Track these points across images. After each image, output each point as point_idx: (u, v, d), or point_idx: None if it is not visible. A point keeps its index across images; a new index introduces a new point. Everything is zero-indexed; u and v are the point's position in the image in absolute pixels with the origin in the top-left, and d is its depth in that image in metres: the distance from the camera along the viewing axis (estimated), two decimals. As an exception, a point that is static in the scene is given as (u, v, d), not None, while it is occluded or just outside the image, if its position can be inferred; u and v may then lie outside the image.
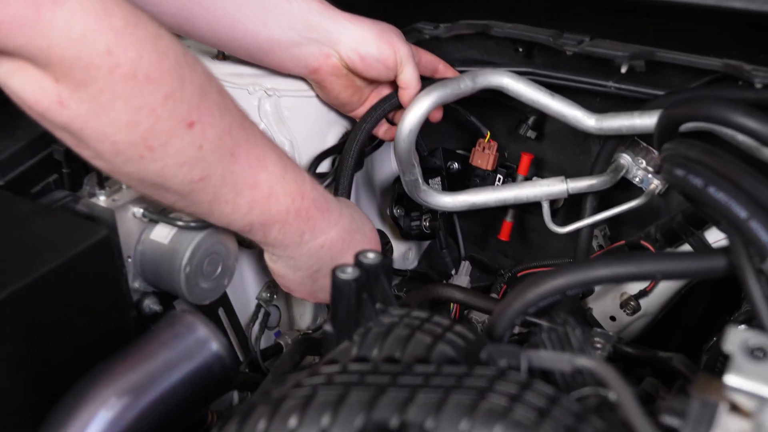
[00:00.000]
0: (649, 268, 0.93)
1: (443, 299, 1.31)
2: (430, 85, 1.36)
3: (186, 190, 1.00)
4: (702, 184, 0.95)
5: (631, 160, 1.47)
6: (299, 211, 1.11)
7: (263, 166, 1.06)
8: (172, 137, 0.92)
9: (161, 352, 0.89)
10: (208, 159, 0.97)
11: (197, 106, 0.93)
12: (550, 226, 1.47)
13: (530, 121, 1.56)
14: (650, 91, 1.36)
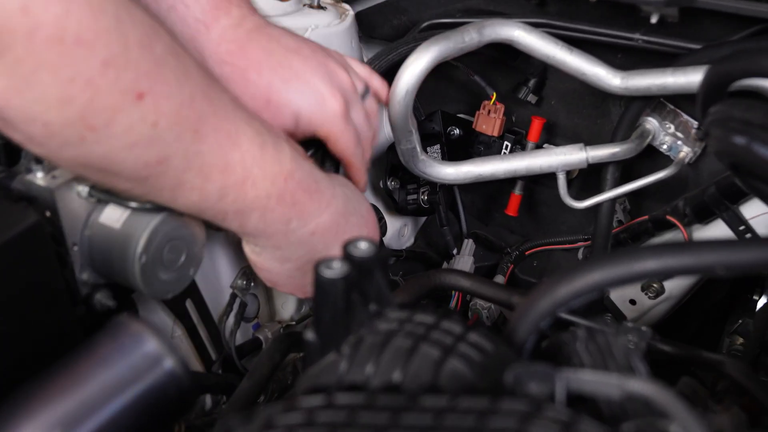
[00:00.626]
0: (709, 259, 0.75)
1: (447, 287, 1.13)
2: (430, 38, 1.16)
3: (141, 175, 0.82)
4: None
5: (658, 125, 1.29)
6: (282, 196, 0.92)
7: (236, 143, 0.86)
8: (118, 113, 0.73)
9: (100, 373, 0.71)
10: (165, 138, 0.79)
11: (147, 72, 0.75)
12: (567, 201, 1.29)
13: (531, 83, 1.38)
14: (685, 44, 1.18)
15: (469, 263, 1.41)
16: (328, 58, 1.07)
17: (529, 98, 1.41)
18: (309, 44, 1.07)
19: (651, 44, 1.20)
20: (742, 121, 0.85)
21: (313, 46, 1.07)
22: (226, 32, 1.02)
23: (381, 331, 0.74)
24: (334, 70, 1.06)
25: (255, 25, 1.03)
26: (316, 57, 1.05)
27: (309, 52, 1.05)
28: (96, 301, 1.01)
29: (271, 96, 1.02)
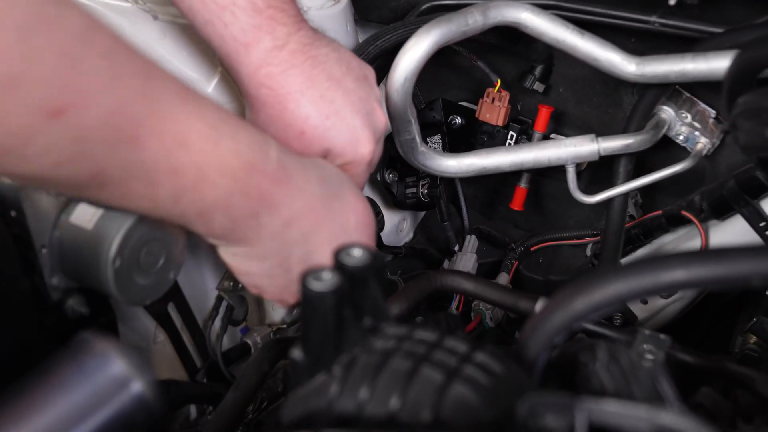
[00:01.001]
0: (745, 268, 0.67)
1: (449, 290, 1.04)
2: (431, 21, 1.07)
3: (79, 187, 0.73)
4: None
5: (674, 114, 1.20)
6: (246, 190, 0.82)
7: (183, 144, 0.75)
8: (32, 134, 0.63)
9: (59, 399, 0.63)
10: (95, 152, 0.68)
11: (64, 86, 0.64)
12: (576, 195, 1.21)
13: (537, 70, 1.29)
14: (706, 27, 1.09)
15: (472, 261, 1.33)
16: (370, 93, 1.02)
17: (535, 87, 1.32)
18: (353, 71, 1.01)
19: (669, 28, 1.12)
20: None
21: (357, 73, 1.02)
22: (268, 55, 0.94)
23: (377, 350, 0.66)
24: (374, 110, 1.02)
25: (300, 45, 0.96)
26: (358, 92, 1.00)
27: (353, 85, 1.00)
28: (68, 308, 0.93)
29: (307, 129, 0.97)
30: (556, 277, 1.42)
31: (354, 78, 1.00)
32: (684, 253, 0.69)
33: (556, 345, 0.72)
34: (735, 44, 1.05)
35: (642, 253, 1.38)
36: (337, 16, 1.23)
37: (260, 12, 0.92)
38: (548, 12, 1.13)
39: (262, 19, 0.93)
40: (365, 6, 1.35)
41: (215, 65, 1.11)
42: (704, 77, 1.08)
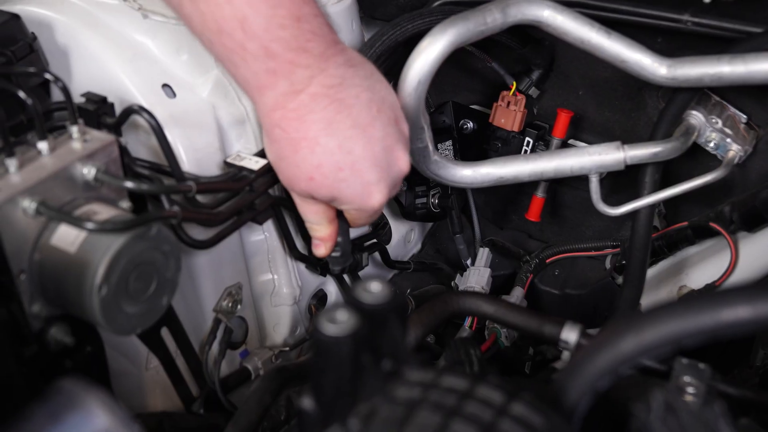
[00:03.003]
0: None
1: (466, 314, 0.96)
2: (447, 19, 0.99)
3: None
4: None
5: (704, 120, 1.12)
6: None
7: None
8: None
9: (34, 461, 0.54)
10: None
11: None
12: (600, 207, 1.13)
13: (535, 75, 1.21)
14: (743, 27, 1.01)
15: (486, 276, 1.25)
16: (398, 140, 0.92)
17: (530, 92, 1.26)
18: (384, 113, 0.90)
19: (702, 27, 1.04)
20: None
21: (388, 115, 0.91)
22: (283, 99, 0.85)
23: (400, 400, 0.58)
24: (396, 159, 0.92)
25: (324, 88, 0.85)
26: (383, 141, 0.90)
27: (379, 132, 0.89)
28: (50, 338, 0.85)
29: (317, 177, 0.89)
30: (573, 291, 1.34)
31: (383, 123, 0.89)
32: (747, 287, 0.61)
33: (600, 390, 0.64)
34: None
35: (665, 265, 1.30)
36: (341, 14, 1.14)
37: (275, 57, 0.82)
38: (572, 9, 1.04)
39: (278, 63, 0.83)
40: (371, 3, 1.26)
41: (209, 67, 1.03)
42: (742, 81, 1.00)
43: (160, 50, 1.02)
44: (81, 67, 1.00)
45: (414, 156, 1.07)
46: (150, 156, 0.97)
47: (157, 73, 1.00)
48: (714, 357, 1.17)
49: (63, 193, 0.82)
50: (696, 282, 1.25)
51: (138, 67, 0.99)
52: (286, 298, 1.13)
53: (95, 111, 0.92)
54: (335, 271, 1.08)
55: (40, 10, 1.01)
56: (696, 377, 0.77)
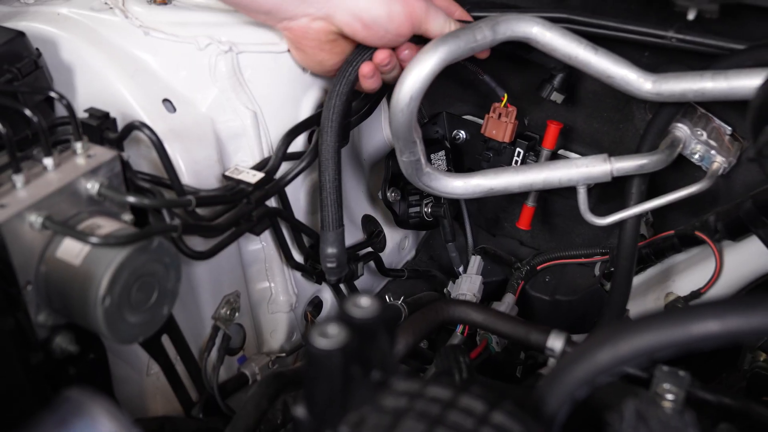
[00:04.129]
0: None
1: (457, 322, 0.99)
2: (438, 38, 1.02)
3: None
4: None
5: (689, 132, 1.15)
6: None
7: None
8: None
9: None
10: None
11: None
12: (587, 217, 1.16)
13: (556, 80, 1.23)
14: (726, 44, 1.04)
15: (477, 284, 1.28)
16: None
17: (553, 97, 1.25)
18: None
19: (686, 43, 1.06)
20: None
21: None
22: None
23: (387, 409, 0.61)
24: None
25: None
26: None
27: None
28: (56, 346, 0.88)
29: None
30: (563, 297, 1.37)
31: None
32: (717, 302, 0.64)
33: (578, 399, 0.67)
34: (758, 62, 1.00)
35: (652, 272, 1.33)
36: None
37: None
38: (560, 26, 1.07)
39: None
40: None
41: (208, 83, 1.06)
42: (724, 97, 1.02)
43: (160, 66, 1.05)
44: (85, 83, 1.04)
45: (407, 169, 1.10)
46: (151, 169, 1.00)
47: (158, 88, 1.04)
48: (703, 361, 1.21)
49: (68, 207, 0.85)
50: (682, 289, 1.28)
51: (139, 82, 1.03)
52: (282, 305, 1.16)
53: (98, 126, 0.95)
54: (331, 281, 1.11)
55: (45, 26, 1.05)
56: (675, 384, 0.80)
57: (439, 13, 1.06)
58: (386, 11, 1.02)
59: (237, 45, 1.06)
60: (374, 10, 1.01)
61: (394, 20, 1.03)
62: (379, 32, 1.03)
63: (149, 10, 1.08)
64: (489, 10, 1.16)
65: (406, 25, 1.03)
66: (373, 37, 1.04)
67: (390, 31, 1.04)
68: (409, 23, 1.03)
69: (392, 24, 1.03)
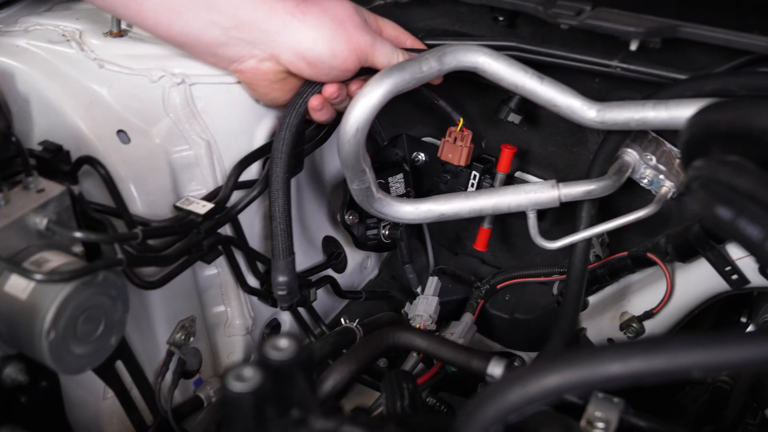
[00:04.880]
0: (686, 361, 0.65)
1: (401, 348, 1.02)
2: (383, 71, 1.04)
3: None
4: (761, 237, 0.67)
5: (639, 157, 1.17)
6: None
7: None
8: None
9: None
10: None
11: None
12: (537, 241, 1.18)
13: (513, 102, 1.24)
14: (668, 74, 1.06)
15: (434, 305, 1.30)
16: None
17: (510, 118, 1.26)
18: None
19: (630, 72, 1.09)
20: (728, 186, 0.75)
21: None
22: None
23: (302, 449, 0.64)
24: None
25: None
26: None
27: None
28: (5, 376, 0.90)
29: None
30: (522, 316, 1.39)
31: None
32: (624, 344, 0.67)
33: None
34: (697, 93, 1.03)
35: (609, 291, 1.36)
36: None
37: None
38: (506, 56, 1.10)
39: None
40: None
41: (161, 114, 1.08)
42: (665, 126, 1.05)
43: (115, 98, 1.07)
44: (41, 115, 1.06)
45: (357, 196, 1.13)
46: (107, 197, 1.02)
47: (112, 120, 1.06)
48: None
49: (17, 241, 0.87)
50: (637, 308, 1.30)
51: (94, 114, 1.05)
52: (238, 328, 1.19)
53: (51, 159, 0.97)
54: (283, 308, 1.14)
55: (4, 59, 1.07)
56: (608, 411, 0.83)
57: (386, 44, 1.08)
58: (329, 49, 1.04)
59: (190, 77, 1.09)
60: (317, 48, 1.04)
61: (338, 57, 1.05)
62: (324, 69, 1.06)
63: (105, 43, 1.11)
64: (442, 38, 1.19)
65: (350, 60, 1.06)
66: (319, 74, 1.07)
67: (335, 68, 1.06)
68: (354, 58, 1.06)
69: (336, 60, 1.05)
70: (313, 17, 1.04)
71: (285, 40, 1.04)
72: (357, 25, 1.06)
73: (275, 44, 1.04)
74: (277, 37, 1.04)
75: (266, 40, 1.04)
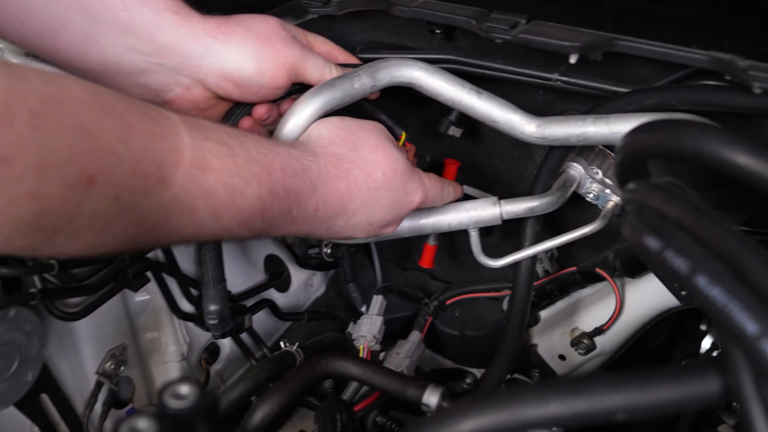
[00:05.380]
0: (607, 404, 0.62)
1: (336, 376, 0.98)
2: (313, 88, 1.00)
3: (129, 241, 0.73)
4: (689, 271, 0.64)
5: (584, 171, 1.14)
6: (274, 189, 0.83)
7: (205, 168, 0.76)
8: (77, 207, 0.65)
9: None
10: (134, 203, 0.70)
11: (88, 155, 0.66)
12: (480, 259, 1.15)
13: (453, 115, 1.20)
14: (609, 86, 1.03)
15: (378, 325, 1.26)
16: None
17: (451, 132, 1.21)
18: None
19: (571, 85, 1.05)
20: (659, 214, 0.72)
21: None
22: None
23: (203, 504, 0.60)
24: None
25: None
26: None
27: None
28: None
29: None
30: (471, 333, 1.36)
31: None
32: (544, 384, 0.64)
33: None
34: (638, 107, 1.00)
35: (560, 306, 1.33)
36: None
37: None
38: (443, 70, 1.06)
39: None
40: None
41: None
42: (606, 141, 1.02)
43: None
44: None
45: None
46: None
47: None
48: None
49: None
50: (587, 324, 1.28)
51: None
52: (173, 354, 1.15)
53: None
54: (216, 336, 1.09)
55: None
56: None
57: (317, 58, 1.04)
58: (256, 68, 0.99)
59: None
60: (243, 68, 0.99)
61: (266, 74, 1.00)
62: (252, 89, 1.01)
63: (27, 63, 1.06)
64: (380, 51, 1.15)
65: (279, 76, 1.01)
66: (248, 95, 1.02)
67: (264, 86, 1.01)
68: (284, 74, 1.01)
69: (264, 78, 1.00)
70: (236, 37, 0.99)
71: (209, 63, 0.98)
72: (284, 40, 1.02)
73: (200, 69, 0.99)
74: (201, 61, 0.98)
75: (190, 66, 0.98)
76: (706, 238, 0.66)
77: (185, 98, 1.02)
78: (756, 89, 0.85)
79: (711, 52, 0.89)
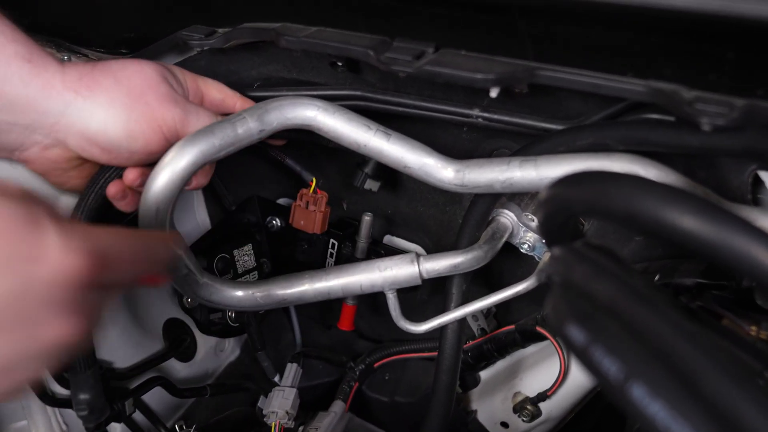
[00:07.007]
0: None
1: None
2: (188, 137, 0.85)
3: None
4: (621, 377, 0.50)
5: (516, 219, 1.00)
6: None
7: None
8: None
9: None
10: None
11: None
12: (400, 324, 1.00)
13: (369, 166, 1.06)
14: (536, 123, 0.89)
15: (291, 398, 1.10)
16: None
17: (367, 186, 1.07)
18: None
19: (493, 122, 0.91)
20: (584, 294, 0.57)
21: None
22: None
23: None
24: None
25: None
26: None
27: None
28: None
29: None
30: (403, 399, 1.21)
31: None
32: None
33: None
34: (570, 147, 0.85)
35: (501, 367, 1.18)
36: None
37: None
38: (345, 109, 0.91)
39: None
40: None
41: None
42: (535, 188, 0.87)
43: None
44: None
45: (179, 285, 0.93)
46: None
47: None
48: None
49: None
50: (530, 388, 1.13)
51: None
52: (46, 445, 0.98)
53: None
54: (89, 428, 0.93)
55: None
56: None
57: (203, 115, 0.88)
58: (125, 131, 0.83)
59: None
60: (110, 131, 0.83)
61: (138, 139, 0.84)
62: (123, 154, 0.85)
63: None
64: (279, 89, 0.99)
65: (155, 141, 0.85)
66: (119, 159, 0.86)
67: (137, 152, 0.85)
68: (160, 138, 0.85)
69: (137, 143, 0.84)
70: (102, 92, 0.83)
71: (70, 122, 0.82)
72: (161, 97, 0.85)
73: (58, 128, 0.82)
74: (59, 118, 0.82)
75: (46, 124, 0.82)
76: (643, 330, 0.51)
77: (43, 158, 0.86)
78: (705, 126, 0.71)
79: (650, 82, 0.74)
